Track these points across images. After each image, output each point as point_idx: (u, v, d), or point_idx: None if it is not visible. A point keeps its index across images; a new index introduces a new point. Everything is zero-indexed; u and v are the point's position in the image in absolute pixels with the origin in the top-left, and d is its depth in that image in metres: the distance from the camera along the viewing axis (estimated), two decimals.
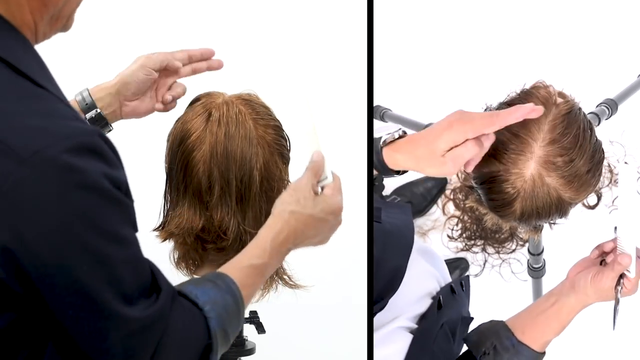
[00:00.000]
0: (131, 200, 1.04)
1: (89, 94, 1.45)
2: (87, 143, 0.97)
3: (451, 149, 1.25)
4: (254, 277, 1.21)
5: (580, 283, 1.37)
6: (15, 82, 1.00)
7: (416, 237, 1.59)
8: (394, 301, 1.43)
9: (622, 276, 1.35)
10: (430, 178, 2.42)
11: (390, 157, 1.31)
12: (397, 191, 2.41)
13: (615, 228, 1.35)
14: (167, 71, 1.49)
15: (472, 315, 1.59)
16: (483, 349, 1.41)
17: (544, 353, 1.42)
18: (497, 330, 1.42)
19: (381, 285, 1.41)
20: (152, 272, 1.07)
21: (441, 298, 1.48)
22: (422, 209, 2.42)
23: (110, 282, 0.99)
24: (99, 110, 1.45)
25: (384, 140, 1.30)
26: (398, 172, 1.34)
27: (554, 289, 1.42)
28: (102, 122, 1.47)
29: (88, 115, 1.45)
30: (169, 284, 1.09)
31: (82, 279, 0.97)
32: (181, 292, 1.13)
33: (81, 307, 0.98)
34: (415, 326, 1.45)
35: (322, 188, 1.29)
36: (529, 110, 1.27)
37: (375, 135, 1.30)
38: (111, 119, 1.48)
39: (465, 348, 1.46)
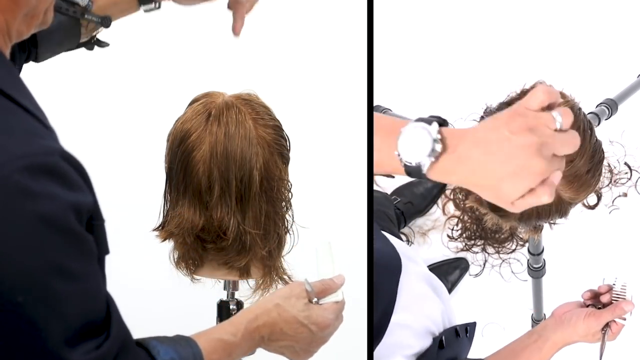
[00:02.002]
0: (98, 219, 0.97)
1: None
2: (45, 163, 0.89)
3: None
4: (220, 352, 1.17)
5: (572, 320, 1.40)
6: None
7: (421, 264, 1.57)
8: (395, 335, 1.42)
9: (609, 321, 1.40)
10: None
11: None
12: (397, 191, 2.41)
13: (616, 279, 1.40)
14: None
15: (474, 321, 1.59)
16: None
17: None
18: None
19: (379, 314, 1.40)
20: (109, 311, 0.98)
21: (444, 339, 1.46)
22: (422, 209, 2.42)
23: (53, 319, 0.91)
24: None
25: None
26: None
27: (536, 327, 1.45)
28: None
29: None
30: (122, 332, 1.00)
31: (22, 313, 0.89)
32: (143, 345, 1.08)
33: (18, 341, 0.90)
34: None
35: (320, 303, 1.26)
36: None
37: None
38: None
39: None
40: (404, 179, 2.43)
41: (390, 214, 2.24)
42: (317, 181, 1.38)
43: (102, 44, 1.44)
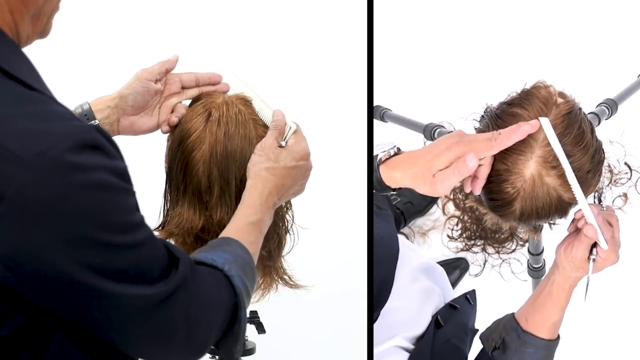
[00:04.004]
0: (133, 188, 1.05)
1: (89, 106, 1.44)
2: (87, 139, 0.97)
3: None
4: (254, 233, 1.27)
5: (559, 258, 1.39)
6: (7, 86, 0.99)
7: (419, 252, 1.58)
8: (393, 319, 1.43)
9: (595, 245, 1.36)
10: None
11: (388, 175, 1.33)
12: (397, 191, 2.41)
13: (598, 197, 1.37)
14: (170, 91, 1.47)
15: (472, 289, 1.60)
16: (493, 344, 1.41)
17: (555, 340, 1.42)
18: (505, 322, 1.43)
19: (374, 293, 1.41)
20: (167, 248, 1.08)
21: (439, 317, 1.47)
22: (422, 209, 2.42)
23: (127, 271, 1.00)
24: (97, 122, 1.44)
25: (380, 158, 1.31)
26: (395, 190, 1.35)
27: (548, 271, 1.44)
28: None
29: None
30: (186, 254, 1.11)
31: (97, 277, 0.98)
32: (196, 261, 1.16)
33: (101, 303, 0.99)
34: (412, 347, 1.44)
35: (286, 141, 1.35)
36: (525, 132, 1.28)
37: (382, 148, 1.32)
38: (109, 132, 1.46)
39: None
40: None
41: (384, 207, 2.24)
42: (317, 181, 1.38)
43: None
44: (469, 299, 1.55)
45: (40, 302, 0.99)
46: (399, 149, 1.33)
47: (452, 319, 1.48)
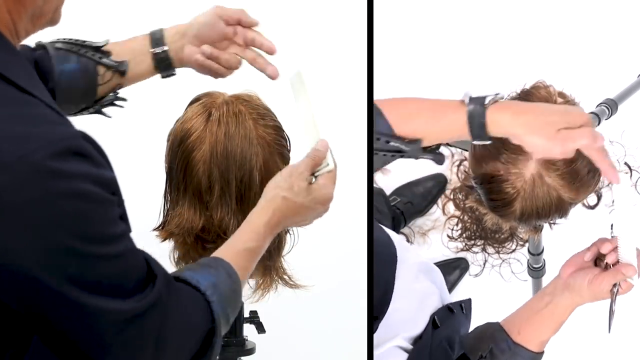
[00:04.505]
0: (119, 197, 1.03)
1: (162, 32, 1.42)
2: (72, 146, 0.96)
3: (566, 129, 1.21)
4: (249, 260, 1.24)
5: (577, 284, 1.35)
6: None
7: (415, 252, 1.58)
8: (393, 320, 1.42)
9: None
10: (431, 178, 2.42)
11: (495, 118, 1.22)
12: (398, 191, 2.41)
13: (612, 226, 1.33)
14: (237, 42, 1.43)
15: (468, 298, 1.59)
16: (480, 353, 1.40)
17: (541, 353, 1.41)
18: (492, 332, 1.41)
19: (376, 300, 1.40)
20: (147, 262, 1.06)
21: (436, 318, 1.46)
22: (422, 209, 2.42)
23: (103, 281, 0.98)
24: (165, 48, 1.41)
25: (489, 101, 1.22)
26: (490, 139, 1.25)
27: (546, 287, 1.41)
28: (165, 62, 1.42)
29: (156, 50, 1.41)
30: (164, 271, 1.08)
31: (69, 286, 0.96)
32: (181, 278, 1.13)
33: (73, 312, 0.97)
34: (411, 347, 1.44)
35: (316, 177, 1.30)
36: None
37: (472, 94, 1.23)
38: (175, 60, 1.43)
39: None
40: (402, 180, 2.43)
41: (382, 209, 2.24)
42: None
43: (119, 100, 1.45)
44: (463, 307, 1.54)
45: (13, 304, 0.97)
46: (503, 99, 1.25)
47: (448, 322, 1.48)
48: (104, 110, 1.46)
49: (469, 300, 1.57)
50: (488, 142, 1.25)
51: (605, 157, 1.23)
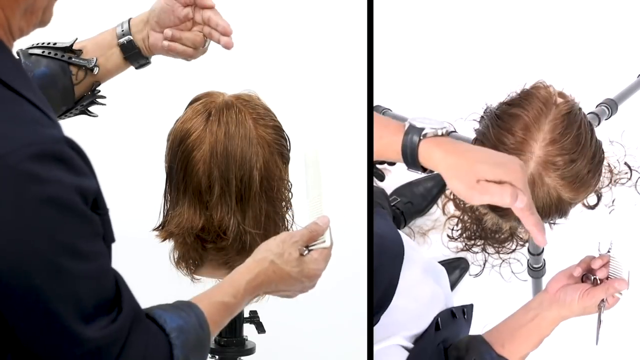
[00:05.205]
0: (102, 207, 1.00)
1: (129, 22, 1.43)
2: (52, 150, 0.93)
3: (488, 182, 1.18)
4: (223, 314, 1.20)
5: (567, 299, 1.38)
6: None
7: (421, 252, 1.58)
8: (395, 317, 1.42)
9: None
10: (431, 178, 2.42)
11: (427, 151, 1.21)
12: (398, 191, 2.41)
13: (611, 243, 1.37)
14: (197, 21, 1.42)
15: (470, 303, 1.60)
16: None
17: None
18: (475, 345, 1.42)
19: (379, 294, 1.41)
20: (118, 288, 1.03)
21: (439, 320, 1.47)
22: (422, 209, 2.42)
23: (67, 298, 0.95)
24: (130, 38, 1.42)
25: (425, 133, 1.21)
26: (424, 170, 1.25)
27: (531, 302, 1.44)
28: (133, 51, 1.43)
29: (121, 41, 1.42)
30: (133, 305, 1.05)
31: (38, 294, 0.93)
32: (149, 315, 1.10)
33: (36, 322, 0.95)
34: (412, 346, 1.45)
35: (309, 250, 1.28)
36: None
37: (416, 124, 1.22)
38: (143, 48, 1.44)
39: None
40: (402, 180, 2.43)
41: (385, 206, 2.24)
42: None
43: (99, 97, 1.45)
44: (465, 312, 1.55)
45: None
46: (449, 133, 1.23)
47: (450, 326, 1.49)
48: (90, 109, 1.46)
49: (471, 305, 1.58)
50: (421, 173, 1.25)
51: (529, 216, 1.18)
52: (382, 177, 1.32)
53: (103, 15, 1.58)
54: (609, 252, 1.38)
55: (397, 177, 2.41)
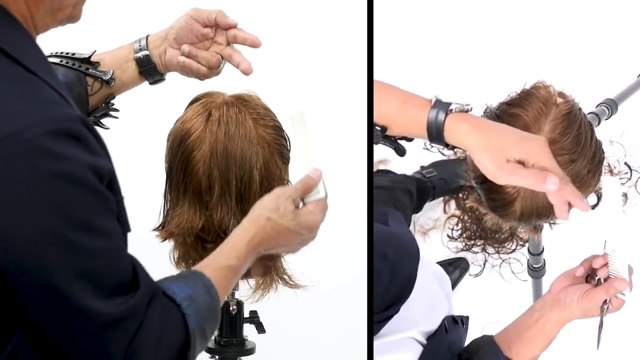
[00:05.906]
0: (117, 192, 1.02)
1: (146, 38, 1.44)
2: (68, 128, 0.95)
3: (517, 163, 1.17)
4: (229, 276, 1.21)
5: (567, 301, 1.36)
6: (6, 68, 0.98)
7: (429, 259, 1.59)
8: (412, 311, 1.43)
9: None
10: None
11: (453, 126, 1.20)
12: (435, 165, 2.31)
13: (605, 242, 1.34)
14: (217, 42, 1.43)
15: (466, 315, 1.60)
16: None
17: None
18: (484, 346, 1.42)
19: (397, 290, 1.40)
20: (134, 269, 1.05)
21: (446, 324, 1.49)
22: (453, 189, 2.35)
23: (82, 274, 0.97)
24: (147, 53, 1.42)
25: (452, 109, 1.21)
26: (446, 145, 1.24)
27: (536, 303, 1.42)
28: (148, 66, 1.43)
29: (138, 55, 1.42)
30: (150, 283, 1.07)
31: (51, 271, 0.95)
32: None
33: (50, 299, 0.96)
34: (425, 341, 1.45)
35: (305, 203, 1.28)
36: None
37: (442, 99, 1.22)
38: (159, 64, 1.44)
39: None
40: (409, 168, 2.43)
41: (412, 191, 2.19)
42: None
43: (112, 110, 1.46)
44: (463, 322, 1.55)
45: None
46: (471, 108, 1.23)
47: (454, 330, 1.49)
48: (102, 121, 1.47)
49: (467, 317, 1.58)
50: (443, 148, 1.25)
51: (557, 193, 1.17)
52: (402, 152, 1.29)
53: (121, 30, 1.59)
54: (605, 250, 1.34)
55: (397, 168, 2.41)
